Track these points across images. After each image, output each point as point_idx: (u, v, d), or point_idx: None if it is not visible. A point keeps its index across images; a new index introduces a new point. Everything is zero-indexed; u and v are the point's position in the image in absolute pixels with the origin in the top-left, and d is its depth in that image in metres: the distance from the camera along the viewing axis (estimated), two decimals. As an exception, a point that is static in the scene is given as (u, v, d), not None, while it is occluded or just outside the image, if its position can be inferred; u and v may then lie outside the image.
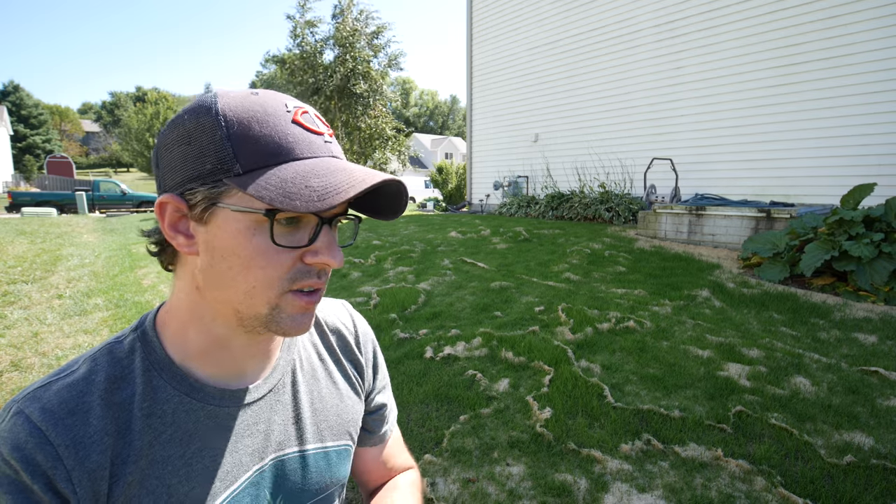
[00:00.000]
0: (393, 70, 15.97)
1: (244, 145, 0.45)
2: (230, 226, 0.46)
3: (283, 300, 0.48)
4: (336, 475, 0.62)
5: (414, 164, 42.99)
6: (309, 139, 0.48)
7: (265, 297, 0.48)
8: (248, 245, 0.46)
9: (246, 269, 0.47)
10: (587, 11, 8.76)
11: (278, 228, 0.46)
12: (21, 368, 3.16)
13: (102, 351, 0.51)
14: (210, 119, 0.45)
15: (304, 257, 0.49)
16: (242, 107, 0.46)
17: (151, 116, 35.58)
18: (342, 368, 0.68)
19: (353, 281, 4.92)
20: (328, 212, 0.48)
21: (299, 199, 0.43)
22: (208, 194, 0.46)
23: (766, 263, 4.44)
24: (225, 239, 0.47)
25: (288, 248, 0.47)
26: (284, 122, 0.47)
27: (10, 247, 6.63)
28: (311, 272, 0.49)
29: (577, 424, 2.23)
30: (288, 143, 0.46)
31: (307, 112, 0.49)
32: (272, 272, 0.47)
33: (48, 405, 0.45)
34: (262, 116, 0.46)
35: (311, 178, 0.44)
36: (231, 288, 0.48)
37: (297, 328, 0.50)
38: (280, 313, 0.49)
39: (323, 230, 0.48)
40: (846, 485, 1.81)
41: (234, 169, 0.45)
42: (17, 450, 0.43)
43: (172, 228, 0.49)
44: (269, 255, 0.47)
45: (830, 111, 6.11)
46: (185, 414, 0.50)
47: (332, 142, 0.50)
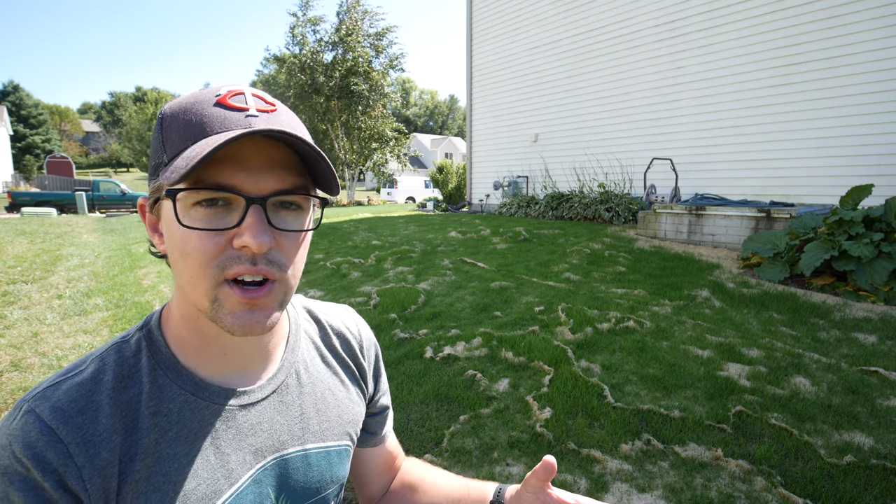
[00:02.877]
0: (394, 71, 15.98)
1: (169, 135, 0.47)
2: (166, 216, 0.48)
3: (221, 292, 0.46)
4: (336, 474, 0.63)
5: (414, 164, 42.98)
6: (224, 116, 0.46)
7: (202, 288, 0.46)
8: (177, 233, 0.46)
9: (180, 258, 0.47)
10: (587, 11, 8.76)
11: (200, 211, 0.45)
12: (21, 368, 3.16)
13: (110, 350, 0.52)
14: (157, 120, 0.49)
15: (233, 242, 0.46)
16: (178, 102, 0.48)
17: (151, 116, 35.57)
18: (346, 371, 0.69)
19: (352, 281, 4.92)
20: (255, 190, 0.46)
21: (175, 171, 0.42)
22: (154, 188, 0.48)
23: (766, 263, 4.45)
24: (166, 230, 0.48)
25: (208, 231, 0.45)
26: (206, 106, 0.47)
27: (10, 247, 6.62)
28: (242, 258, 0.46)
29: (577, 424, 2.23)
30: (202, 123, 0.46)
31: (241, 93, 0.48)
32: (198, 258, 0.45)
33: (58, 404, 0.46)
34: (190, 105, 0.47)
35: (196, 149, 0.43)
36: (180, 281, 0.49)
37: (242, 327, 0.47)
38: (220, 308, 0.47)
39: (251, 211, 0.45)
40: (846, 485, 1.81)
41: (163, 159, 0.46)
42: (28, 448, 0.43)
43: (151, 228, 0.51)
44: (193, 241, 0.45)
45: (830, 111, 6.11)
46: (190, 412, 0.51)
47: (257, 116, 0.47)
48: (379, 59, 15.61)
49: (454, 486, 0.72)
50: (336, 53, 14.95)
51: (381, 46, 15.49)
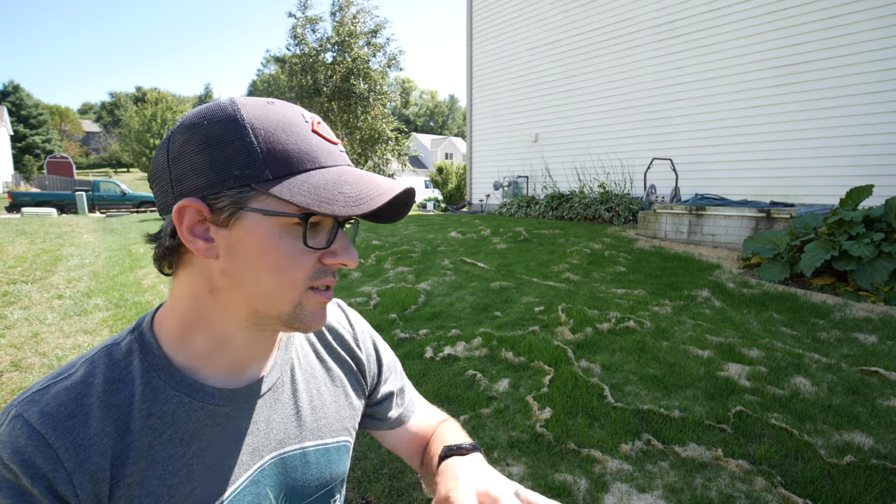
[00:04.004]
0: (392, 69, 15.96)
1: (273, 152, 0.47)
2: (258, 230, 0.48)
3: (305, 298, 0.51)
4: (336, 471, 0.63)
5: (414, 164, 42.99)
6: (328, 149, 0.51)
7: (289, 296, 0.51)
8: (276, 247, 0.48)
9: (272, 270, 0.49)
10: (587, 11, 8.76)
11: (298, 230, 0.49)
12: (21, 368, 3.16)
13: (100, 353, 0.51)
14: (237, 126, 0.46)
15: (322, 258, 0.52)
16: (266, 116, 0.48)
17: (151, 117, 35.59)
18: (341, 365, 0.68)
19: (353, 281, 4.92)
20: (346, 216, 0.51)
21: (336, 204, 0.46)
22: (236, 199, 0.47)
23: (766, 263, 4.44)
24: (251, 242, 0.48)
25: (313, 250, 0.50)
26: (306, 132, 0.50)
27: (10, 247, 6.63)
28: (328, 271, 0.52)
29: (577, 424, 2.23)
30: (312, 151, 0.49)
31: (321, 123, 0.53)
32: (298, 273, 0.50)
33: (47, 408, 0.45)
34: (286, 126, 0.49)
35: (342, 185, 0.48)
36: (254, 289, 0.50)
37: (319, 322, 0.54)
38: (303, 310, 0.52)
39: (339, 233, 0.52)
40: (846, 485, 1.81)
41: (264, 174, 0.46)
42: (16, 453, 0.43)
43: (190, 232, 0.48)
44: (296, 257, 0.49)
45: (830, 111, 6.11)
46: (184, 414, 0.51)
47: (344, 151, 0.54)
48: (377, 58, 15.60)
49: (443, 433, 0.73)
50: (335, 55, 14.94)
51: (377, 45, 15.47)
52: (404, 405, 0.76)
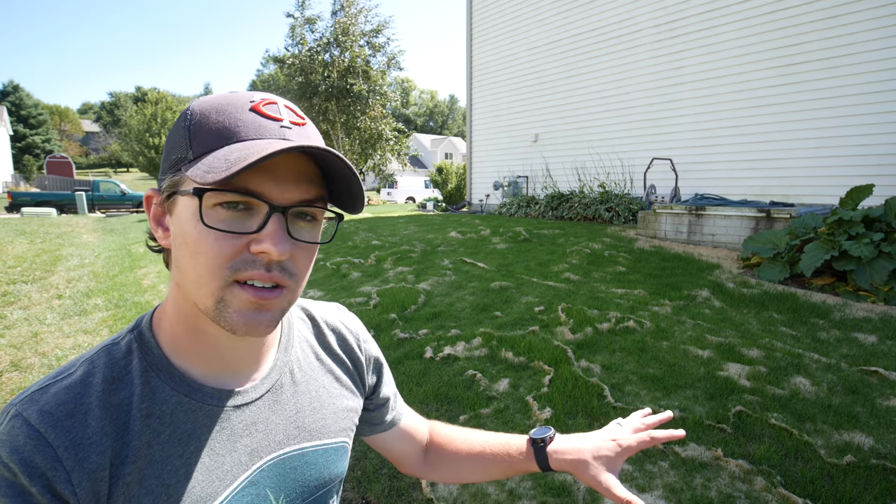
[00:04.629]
0: (393, 69, 15.95)
1: (198, 133, 0.47)
2: (183, 212, 0.47)
3: (229, 293, 0.46)
4: (334, 472, 0.63)
5: (414, 164, 42.98)
6: (259, 123, 0.47)
7: (210, 288, 0.46)
8: (193, 231, 0.46)
9: (192, 256, 0.47)
10: (587, 11, 8.76)
11: (221, 213, 0.45)
12: (21, 368, 3.16)
13: (99, 353, 0.51)
14: (183, 115, 0.49)
15: (250, 246, 0.46)
16: (210, 101, 0.49)
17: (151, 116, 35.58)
18: (342, 367, 0.68)
19: (352, 281, 4.92)
20: (280, 198, 0.47)
21: (212, 172, 0.42)
22: (170, 182, 0.48)
23: (766, 263, 4.44)
24: (179, 226, 0.48)
25: (228, 234, 0.45)
26: (240, 110, 0.48)
27: (10, 247, 6.62)
28: (257, 263, 0.46)
29: (577, 424, 2.23)
30: (236, 128, 0.46)
31: (274, 103, 0.49)
32: (212, 259, 0.45)
33: (46, 407, 0.45)
34: (223, 107, 0.48)
35: (234, 152, 0.44)
36: (186, 279, 0.48)
37: (246, 326, 0.47)
38: (226, 307, 0.47)
39: (273, 218, 0.46)
40: (846, 485, 1.81)
41: (188, 155, 0.46)
42: (15, 452, 0.43)
43: (155, 222, 0.51)
44: (210, 241, 0.45)
45: (830, 111, 6.11)
46: (183, 414, 0.51)
47: (291, 128, 0.48)
48: (377, 58, 15.58)
49: (492, 435, 0.77)
50: (333, 54, 14.93)
51: (377, 45, 15.47)
52: (397, 408, 0.78)
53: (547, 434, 0.70)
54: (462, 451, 0.77)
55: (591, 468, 0.65)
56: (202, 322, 0.51)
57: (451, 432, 0.80)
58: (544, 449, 0.69)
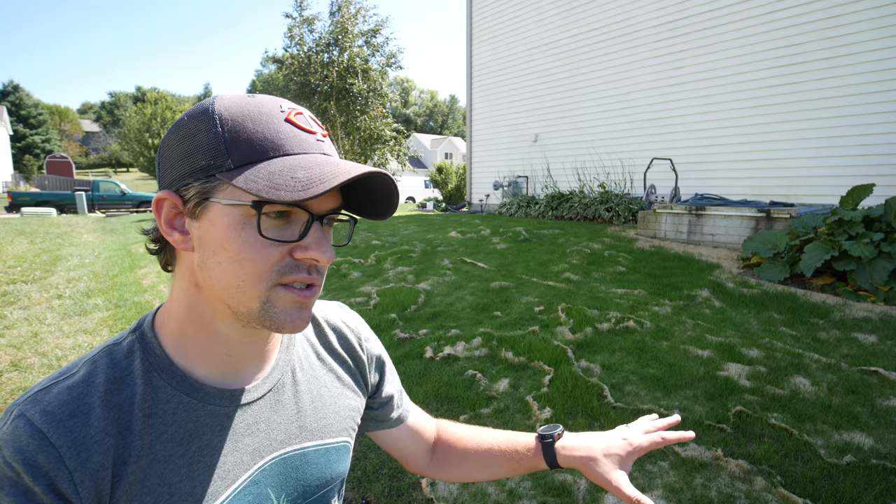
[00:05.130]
0: (392, 69, 15.94)
1: (236, 141, 0.46)
2: (221, 220, 0.47)
3: (274, 294, 0.48)
4: (336, 471, 0.63)
5: (414, 165, 42.98)
6: (300, 136, 0.49)
7: (255, 292, 0.48)
8: (238, 239, 0.47)
9: (235, 263, 0.47)
10: (587, 11, 8.76)
11: (267, 222, 0.47)
12: (21, 368, 3.16)
13: (101, 353, 0.51)
14: (206, 118, 0.47)
15: (293, 253, 0.49)
16: (237, 106, 0.48)
17: (151, 116, 35.59)
18: (343, 366, 0.69)
19: (352, 281, 4.92)
20: (318, 207, 0.49)
21: (284, 189, 0.44)
22: (201, 189, 0.47)
23: (766, 263, 4.44)
24: (216, 233, 0.48)
25: (276, 242, 0.47)
26: (277, 121, 0.48)
27: (10, 247, 6.62)
28: (301, 267, 0.49)
29: (577, 424, 2.23)
30: (279, 139, 0.47)
31: (301, 113, 0.51)
32: (260, 265, 0.47)
33: (49, 408, 0.45)
34: (256, 115, 0.48)
35: (297, 170, 0.45)
36: (223, 283, 0.49)
37: (292, 323, 0.50)
38: (272, 308, 0.49)
39: (313, 226, 0.49)
40: (846, 485, 1.81)
41: (226, 164, 0.46)
42: (19, 452, 0.43)
43: (168, 225, 0.50)
44: (257, 249, 0.47)
45: (830, 111, 6.11)
46: (185, 414, 0.51)
47: (324, 141, 0.51)
48: (376, 58, 15.58)
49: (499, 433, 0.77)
50: (332, 54, 14.92)
51: (376, 44, 15.46)
52: (403, 405, 0.78)
53: (556, 431, 0.70)
54: (470, 448, 0.77)
55: (600, 465, 0.65)
56: (218, 322, 0.52)
57: (459, 430, 0.80)
58: (552, 445, 0.69)
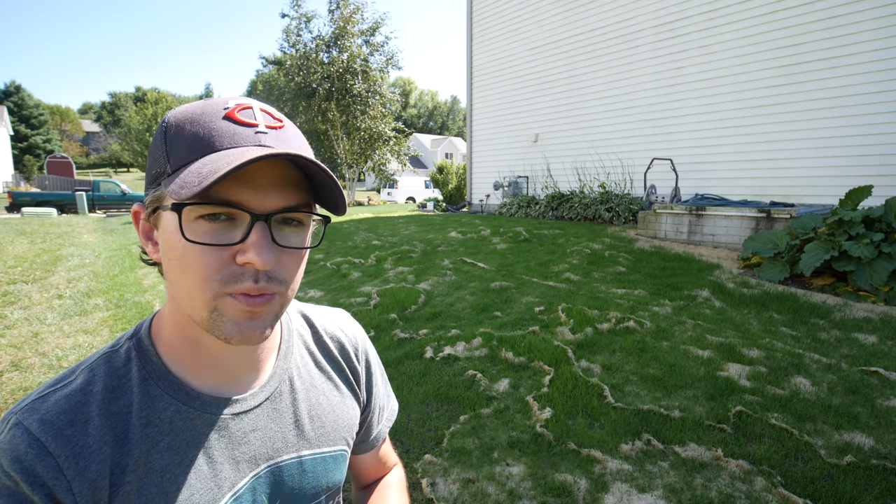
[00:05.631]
0: (392, 69, 15.94)
1: (174, 146, 0.46)
2: (167, 227, 0.47)
3: (221, 303, 0.46)
4: (332, 480, 0.63)
5: (414, 164, 42.96)
6: (233, 131, 0.46)
7: (201, 300, 0.46)
8: (177, 246, 0.46)
9: (179, 270, 0.46)
10: (587, 11, 8.76)
11: (204, 226, 0.45)
12: (21, 368, 3.16)
13: (99, 360, 0.51)
14: (160, 128, 0.48)
15: (236, 257, 0.46)
16: (184, 111, 0.48)
17: (151, 116, 35.62)
18: (341, 375, 0.68)
19: (353, 281, 4.92)
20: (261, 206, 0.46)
21: (187, 186, 0.41)
22: (153, 198, 0.48)
23: (766, 263, 4.44)
24: (165, 241, 0.48)
25: (212, 246, 0.45)
26: (214, 119, 0.46)
27: (10, 247, 6.63)
28: (246, 275, 0.46)
29: (577, 424, 2.23)
30: (210, 137, 0.45)
31: (249, 108, 0.48)
32: (201, 272, 0.45)
33: (47, 416, 0.45)
34: (197, 116, 0.47)
35: (206, 165, 0.43)
36: (177, 291, 0.48)
37: (240, 335, 0.47)
38: (220, 317, 0.46)
39: (255, 228, 0.45)
40: (846, 485, 1.81)
41: (166, 170, 0.46)
42: (17, 461, 0.43)
43: (145, 236, 0.51)
44: (195, 255, 0.45)
45: (831, 111, 6.11)
46: (182, 422, 0.51)
47: (266, 133, 0.47)
48: (375, 58, 15.58)
49: None
50: (331, 54, 14.92)
51: (375, 44, 15.47)
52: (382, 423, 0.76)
53: None
54: None
55: None
56: (198, 332, 0.51)
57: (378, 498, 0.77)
58: None
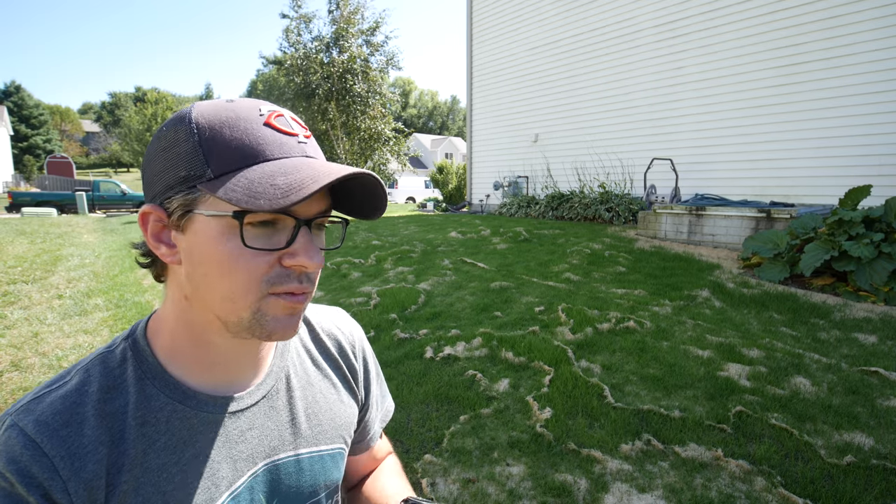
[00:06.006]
0: (392, 69, 15.93)
1: (214, 150, 0.45)
2: (205, 232, 0.46)
3: (265, 304, 0.48)
4: (330, 478, 0.63)
5: (414, 165, 42.97)
6: (280, 140, 0.47)
7: (245, 302, 0.47)
8: (223, 250, 0.46)
9: (222, 274, 0.46)
10: (587, 11, 8.76)
11: (252, 231, 0.46)
12: (21, 368, 3.16)
13: (94, 361, 0.51)
14: (184, 127, 0.46)
15: (282, 260, 0.47)
16: (215, 113, 0.47)
17: (151, 116, 35.65)
18: (338, 373, 0.68)
19: (353, 281, 4.92)
20: (304, 212, 0.48)
21: (263, 197, 0.42)
22: (184, 201, 0.47)
23: (766, 263, 4.44)
24: (201, 245, 0.47)
25: (263, 251, 0.46)
26: (256, 126, 0.47)
27: (10, 247, 6.63)
28: (291, 276, 0.48)
29: (577, 424, 2.23)
30: (258, 144, 0.46)
31: (282, 115, 0.49)
32: (248, 276, 0.46)
33: (42, 417, 0.45)
34: (234, 121, 0.47)
35: (277, 176, 0.44)
36: (210, 295, 0.48)
37: (283, 331, 0.49)
38: (264, 316, 0.48)
39: (301, 232, 0.47)
40: (846, 485, 1.81)
41: (206, 174, 0.45)
42: (12, 462, 0.43)
43: (155, 238, 0.50)
44: (245, 259, 0.46)
45: (831, 111, 6.11)
46: (178, 421, 0.51)
47: (306, 143, 0.49)
48: (375, 58, 15.57)
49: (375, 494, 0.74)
50: (331, 55, 14.91)
51: (376, 43, 15.45)
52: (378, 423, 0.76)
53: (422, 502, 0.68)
54: None
55: None
56: (210, 333, 0.51)
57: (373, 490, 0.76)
58: None
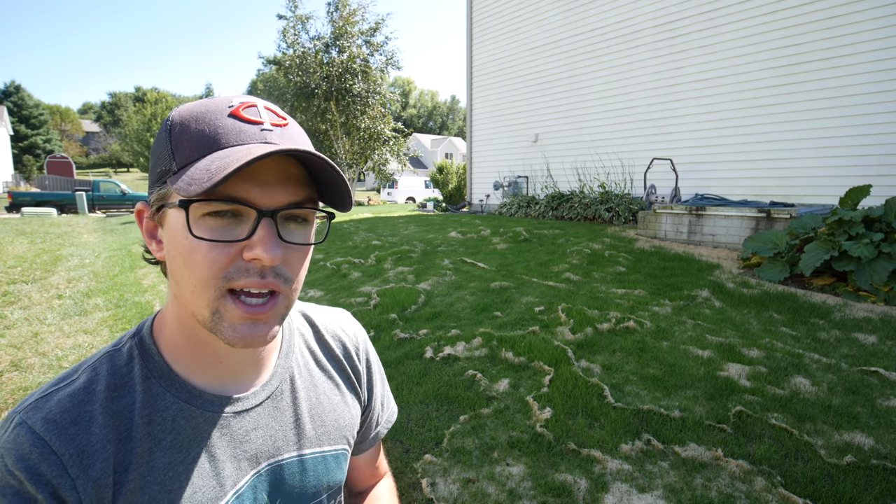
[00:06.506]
0: (392, 69, 15.92)
1: (180, 143, 0.46)
2: (172, 225, 0.47)
3: (223, 305, 0.46)
4: (333, 479, 0.63)
5: (414, 165, 42.97)
6: (239, 128, 0.46)
7: (205, 299, 0.46)
8: (184, 242, 0.46)
9: (185, 267, 0.46)
10: (587, 11, 8.76)
11: (210, 222, 0.45)
12: (21, 368, 3.16)
13: (102, 359, 0.51)
14: (164, 126, 0.48)
15: (243, 254, 0.46)
16: (189, 110, 0.48)
17: (151, 116, 35.65)
18: (342, 374, 0.68)
19: (353, 281, 4.92)
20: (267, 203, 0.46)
21: (196, 183, 0.42)
22: (158, 196, 0.48)
23: (766, 263, 4.44)
24: (170, 238, 0.48)
25: (218, 243, 0.45)
26: (219, 117, 0.47)
27: (10, 247, 6.63)
28: (251, 270, 0.46)
29: (577, 424, 2.23)
30: (216, 134, 0.46)
31: (254, 106, 0.49)
32: (206, 269, 0.45)
33: (50, 415, 0.45)
34: (201, 115, 0.47)
35: (215, 161, 0.43)
36: (181, 289, 0.48)
37: (243, 340, 0.47)
38: (221, 320, 0.47)
39: (262, 223, 0.46)
40: (846, 485, 1.81)
41: (172, 167, 0.46)
42: (21, 460, 0.43)
43: (148, 235, 0.51)
44: (202, 252, 0.45)
45: (831, 111, 6.11)
46: (184, 420, 0.51)
47: (272, 130, 0.48)
48: (375, 58, 15.55)
49: None
50: (330, 55, 14.90)
51: (375, 44, 15.44)
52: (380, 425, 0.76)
53: None
54: None
55: None
56: (201, 331, 0.51)
57: None
58: None
